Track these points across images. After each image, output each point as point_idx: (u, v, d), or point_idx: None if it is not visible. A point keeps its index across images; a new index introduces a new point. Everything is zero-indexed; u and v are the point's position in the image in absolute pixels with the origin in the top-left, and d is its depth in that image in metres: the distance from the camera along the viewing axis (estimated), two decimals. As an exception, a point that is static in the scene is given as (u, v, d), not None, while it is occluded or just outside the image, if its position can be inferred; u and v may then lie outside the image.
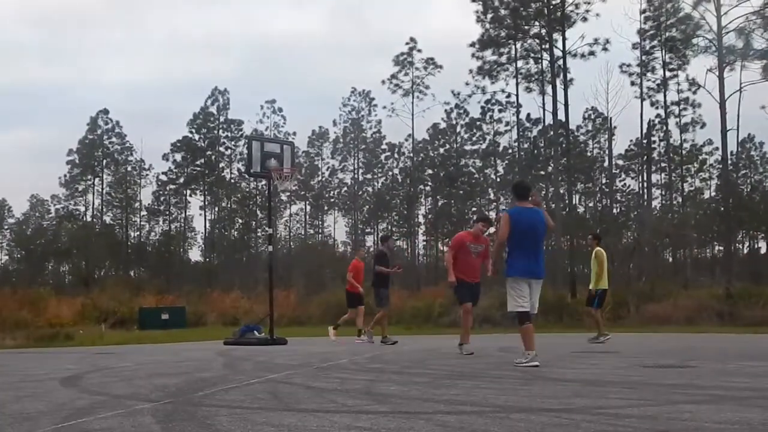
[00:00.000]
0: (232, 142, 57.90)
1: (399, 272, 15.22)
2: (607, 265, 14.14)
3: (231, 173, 58.74)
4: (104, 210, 61.28)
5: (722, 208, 45.90)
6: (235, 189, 58.52)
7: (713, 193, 53.47)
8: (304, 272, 44.52)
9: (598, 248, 13.97)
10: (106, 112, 59.21)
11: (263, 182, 16.11)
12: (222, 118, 58.08)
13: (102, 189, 60.58)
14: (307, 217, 63.05)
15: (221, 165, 58.71)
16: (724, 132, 35.75)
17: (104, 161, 59.85)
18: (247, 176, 38.04)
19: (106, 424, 4.23)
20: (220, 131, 58.18)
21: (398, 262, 15.34)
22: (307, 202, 61.75)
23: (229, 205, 59.42)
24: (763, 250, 54.60)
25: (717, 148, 47.81)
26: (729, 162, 45.04)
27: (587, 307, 14.52)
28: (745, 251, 53.32)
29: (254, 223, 57.53)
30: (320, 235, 63.22)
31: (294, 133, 56.35)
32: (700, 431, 3.88)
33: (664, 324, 20.72)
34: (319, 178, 60.62)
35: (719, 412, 4.57)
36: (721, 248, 48.43)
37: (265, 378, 7.07)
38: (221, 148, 58.29)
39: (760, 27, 36.75)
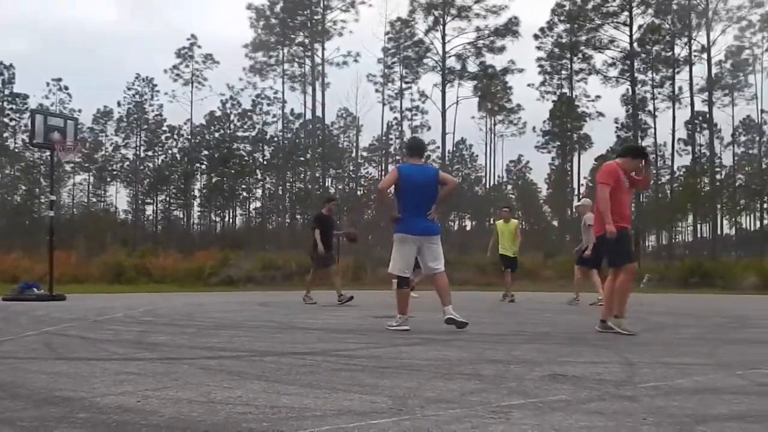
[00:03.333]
0: (17, 114, 52.03)
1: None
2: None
3: (15, 143, 52.83)
4: None
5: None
6: (18, 158, 52.70)
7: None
8: (86, 236, 41.11)
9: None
10: None
11: (47, 153, 14.60)
12: (7, 91, 52.02)
13: None
14: (91, 186, 58.37)
15: (5, 135, 52.64)
16: (443, 135, 38.39)
17: None
18: (30, 146, 34.40)
19: None
20: (5, 103, 52.11)
21: (348, 230, 12.70)
22: (91, 174, 57.19)
23: (12, 173, 53.51)
24: (468, 227, 59.15)
25: (438, 147, 50.84)
26: (447, 158, 48.39)
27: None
28: (455, 228, 57.29)
29: (38, 190, 52.23)
30: (103, 204, 58.94)
31: (80, 111, 51.80)
32: (412, 366, 4.10)
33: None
34: (103, 152, 56.26)
35: (427, 352, 4.87)
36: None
37: (40, 330, 6.41)
38: (5, 119, 52.22)
39: (473, 55, 39.82)
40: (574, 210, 14.12)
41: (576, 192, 48.53)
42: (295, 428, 2.43)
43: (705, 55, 37.46)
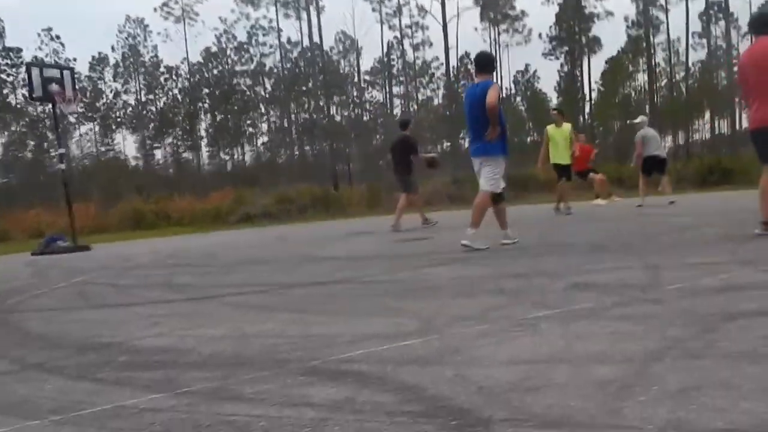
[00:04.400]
0: (13, 69, 51.54)
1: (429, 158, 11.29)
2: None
3: (16, 99, 52.58)
4: None
5: (447, 113, 48.63)
6: (22, 113, 52.55)
7: (441, 100, 56.29)
8: (100, 186, 41.45)
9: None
10: None
11: (50, 106, 14.54)
12: (0, 46, 51.52)
13: None
14: (97, 136, 58.37)
15: (5, 92, 52.35)
16: (447, 50, 37.59)
17: None
18: (31, 101, 34.31)
19: None
20: (0, 59, 51.69)
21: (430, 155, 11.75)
22: (96, 123, 57.06)
23: (18, 129, 53.51)
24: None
25: (442, 63, 50.05)
26: (452, 74, 47.57)
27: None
28: (466, 146, 56.83)
29: (46, 144, 52.28)
30: (112, 152, 59.00)
31: (74, 59, 51.23)
32: (435, 287, 4.18)
33: (409, 206, 21.68)
34: (104, 100, 55.94)
35: (449, 272, 4.94)
36: (449, 144, 51.52)
37: (71, 282, 6.57)
38: (2, 76, 51.84)
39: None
40: (633, 126, 13.52)
41: (587, 98, 47.75)
42: (328, 355, 2.51)
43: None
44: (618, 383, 1.88)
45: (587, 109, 48.61)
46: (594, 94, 50.93)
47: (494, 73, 6.67)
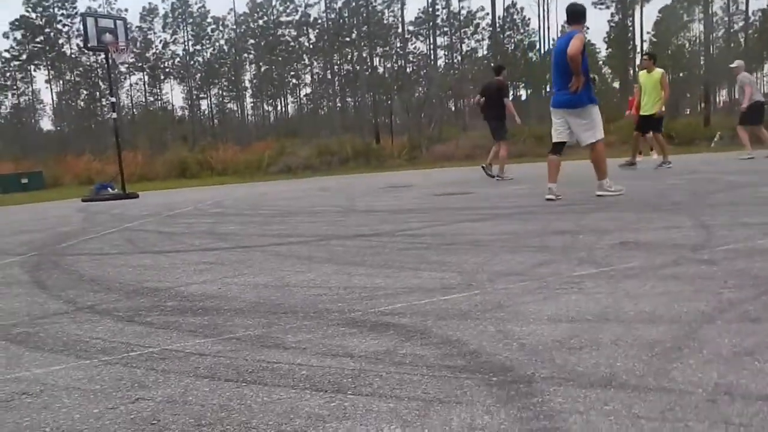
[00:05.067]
0: (69, 20, 52.44)
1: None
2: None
3: (71, 48, 53.47)
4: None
5: (492, 64, 47.59)
6: (76, 63, 53.47)
7: (485, 52, 55.15)
8: (148, 135, 42.10)
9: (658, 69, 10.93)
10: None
11: (102, 55, 14.77)
12: (56, -4, 52.31)
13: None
14: (146, 86, 59.09)
15: (61, 41, 53.28)
16: None
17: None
18: (85, 50, 34.52)
19: (-31, 283, 3.88)
20: (56, 9, 52.38)
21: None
22: (145, 73, 57.72)
23: (72, 78, 54.49)
24: (523, 97, 57.58)
25: (488, 14, 48.85)
26: (497, 25, 46.46)
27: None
28: (510, 98, 55.55)
29: (98, 93, 53.24)
30: (159, 102, 59.78)
31: (126, 10, 51.98)
32: (478, 242, 4.13)
33: (449, 161, 21.54)
34: (154, 50, 56.47)
35: (492, 227, 4.88)
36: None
37: (120, 227, 6.72)
38: (59, 26, 52.71)
39: None
40: (734, 70, 12.67)
41: (638, 49, 46.16)
42: (369, 307, 2.51)
43: None
44: (667, 345, 1.83)
45: (638, 62, 47.03)
46: (646, 46, 49.19)
47: (584, 24, 6.66)
